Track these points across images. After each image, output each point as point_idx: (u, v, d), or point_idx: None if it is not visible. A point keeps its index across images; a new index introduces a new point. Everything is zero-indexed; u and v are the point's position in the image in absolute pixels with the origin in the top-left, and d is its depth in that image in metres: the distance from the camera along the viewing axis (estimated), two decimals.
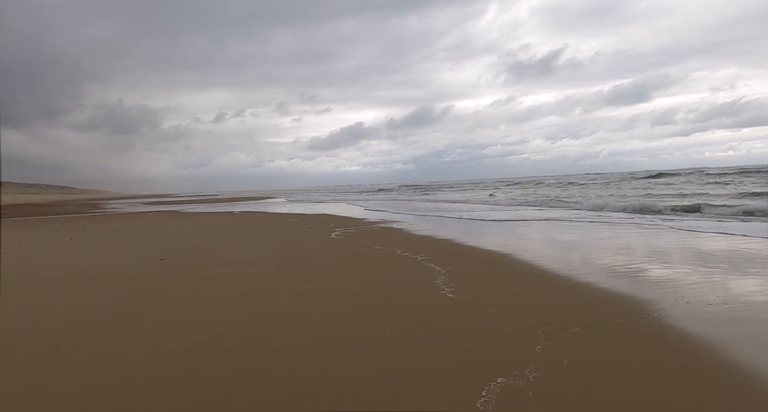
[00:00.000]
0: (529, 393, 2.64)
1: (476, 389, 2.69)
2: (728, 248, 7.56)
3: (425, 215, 17.51)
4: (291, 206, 30.01)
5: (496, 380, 2.79)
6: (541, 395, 2.62)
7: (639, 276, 5.56)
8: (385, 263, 7.11)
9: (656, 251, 7.50)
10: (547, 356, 3.15)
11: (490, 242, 9.31)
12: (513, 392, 2.65)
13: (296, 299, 5.04)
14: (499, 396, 2.61)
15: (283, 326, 4.10)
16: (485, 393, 2.65)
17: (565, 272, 5.97)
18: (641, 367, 3.00)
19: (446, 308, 4.47)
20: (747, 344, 3.37)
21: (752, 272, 5.66)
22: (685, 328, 3.70)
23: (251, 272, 6.78)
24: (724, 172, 35.54)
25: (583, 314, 4.17)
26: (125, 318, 4.52)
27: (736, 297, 4.49)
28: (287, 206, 30.24)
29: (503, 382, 2.77)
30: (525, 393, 2.63)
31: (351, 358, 3.28)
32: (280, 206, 30.70)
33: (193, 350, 3.55)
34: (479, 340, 3.57)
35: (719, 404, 2.54)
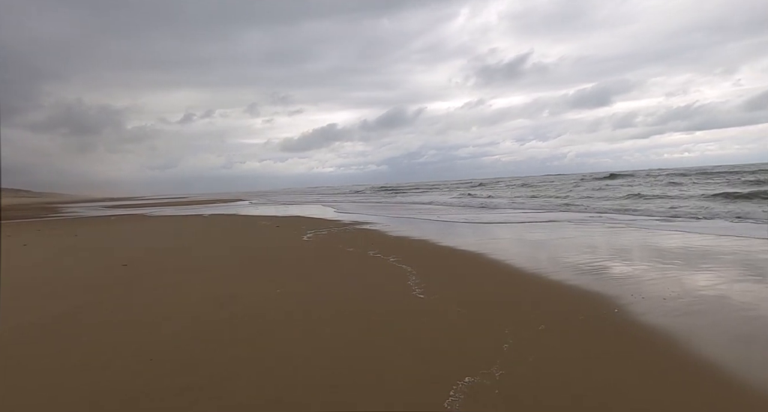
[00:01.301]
0: (495, 391, 2.67)
1: (444, 389, 2.71)
2: (683, 244, 7.97)
3: (398, 216, 17.58)
4: (263, 208, 29.44)
5: (464, 380, 2.81)
6: (507, 392, 2.66)
7: (602, 273, 5.76)
8: (357, 265, 7.07)
9: (618, 249, 7.81)
10: (514, 353, 3.21)
11: (464, 242, 9.44)
12: (480, 391, 2.68)
13: (264, 303, 4.94)
14: (467, 395, 2.63)
15: (251, 332, 4.00)
16: (453, 393, 2.67)
17: (533, 270, 6.12)
18: (604, 361, 3.10)
19: (416, 309, 4.49)
20: (702, 335, 3.54)
21: (704, 267, 5.98)
22: (644, 322, 3.86)
23: (219, 276, 6.59)
24: (669, 174, 37.87)
25: (549, 311, 4.28)
26: (80, 329, 4.29)
27: (689, 292, 4.73)
28: (259, 208, 29.65)
29: (471, 381, 2.80)
30: (492, 391, 2.67)
31: (319, 361, 3.23)
32: (252, 208, 30.06)
33: (155, 359, 3.40)
34: (448, 340, 3.59)
35: (679, 391, 2.65)
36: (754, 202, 14.96)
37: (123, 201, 67.70)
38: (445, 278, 5.93)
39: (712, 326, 3.76)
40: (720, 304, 4.29)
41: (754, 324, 3.75)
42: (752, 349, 3.29)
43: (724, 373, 2.88)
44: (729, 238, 8.49)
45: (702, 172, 35.00)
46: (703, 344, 3.35)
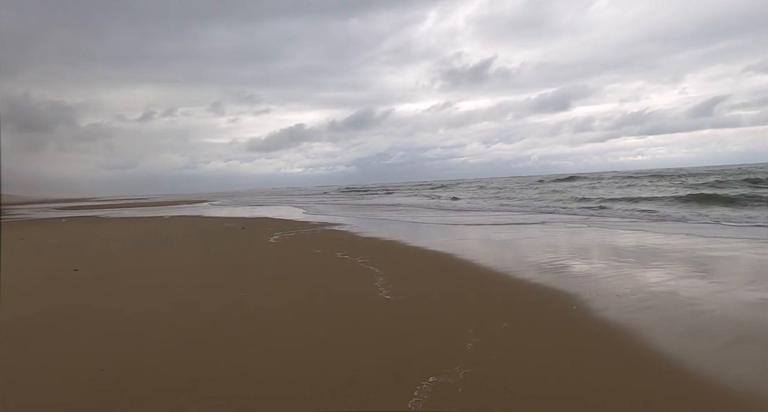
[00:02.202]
0: (458, 390, 2.69)
1: (408, 390, 2.70)
2: (637, 243, 8.39)
3: (367, 217, 17.54)
4: (229, 209, 28.61)
5: (428, 380, 2.82)
6: (470, 391, 2.68)
7: (562, 272, 5.96)
8: (324, 267, 6.98)
9: (578, 248, 8.12)
10: (477, 352, 3.25)
11: (432, 242, 9.52)
12: (443, 391, 2.69)
13: (228, 308, 4.78)
14: (430, 395, 2.63)
15: (213, 338, 3.85)
16: (417, 393, 2.66)
17: (499, 270, 6.25)
18: (564, 356, 3.20)
19: (383, 310, 4.47)
20: (653, 329, 3.72)
21: (655, 265, 6.31)
22: (601, 318, 4.02)
23: (179, 280, 6.33)
24: (613, 177, 40.27)
25: (513, 309, 4.38)
26: (25, 341, 3.98)
27: (641, 288, 4.97)
28: (225, 209, 28.79)
29: (435, 381, 2.81)
30: (455, 391, 2.69)
31: (281, 365, 3.15)
32: (217, 209, 29.14)
33: (107, 369, 3.20)
34: (414, 340, 3.60)
35: (634, 381, 2.76)
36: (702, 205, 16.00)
37: (77, 202, 63.85)
38: (413, 278, 5.95)
39: (663, 320, 3.95)
40: (669, 299, 4.53)
41: (700, 318, 3.97)
42: (698, 341, 3.48)
43: (674, 363, 3.03)
44: (678, 236, 9.02)
45: (654, 175, 37.29)
46: (655, 338, 3.51)
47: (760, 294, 4.57)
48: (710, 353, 3.24)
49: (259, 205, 32.77)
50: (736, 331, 3.61)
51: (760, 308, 4.17)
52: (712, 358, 3.13)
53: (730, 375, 2.86)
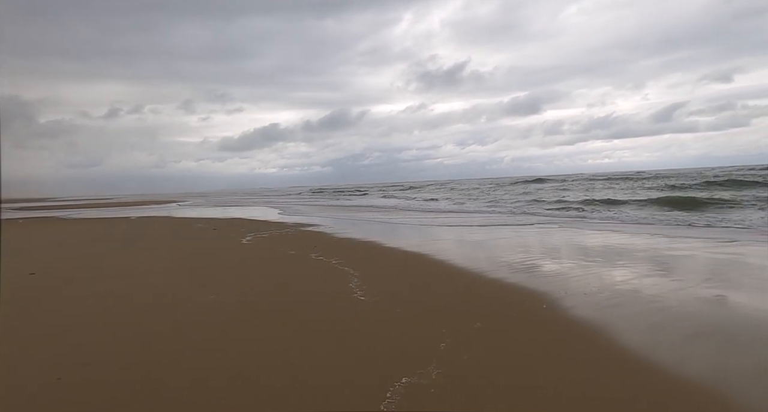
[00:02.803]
0: (431, 390, 2.69)
1: (381, 391, 2.68)
2: (603, 243, 8.69)
3: (342, 218, 17.44)
4: (200, 210, 27.82)
5: (401, 380, 2.81)
6: (443, 391, 2.69)
7: (534, 271, 6.10)
8: (298, 268, 6.88)
9: (549, 248, 8.34)
10: (450, 352, 3.27)
11: (407, 243, 9.55)
12: (416, 391, 2.68)
13: (197, 311, 4.63)
14: (403, 396, 2.62)
15: (180, 343, 3.71)
16: (390, 394, 2.65)
17: (473, 270, 6.33)
18: (535, 354, 3.26)
19: (357, 312, 4.44)
20: (619, 326, 3.84)
21: (620, 264, 6.55)
22: (570, 316, 4.12)
23: (146, 284, 6.08)
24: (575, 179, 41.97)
25: (486, 309, 4.44)
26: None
27: (608, 287, 5.14)
28: (196, 210, 27.97)
29: (407, 381, 2.80)
30: (427, 391, 2.69)
31: (253, 368, 3.07)
32: (188, 209, 28.28)
33: (63, 378, 3.03)
34: (387, 341, 3.58)
35: (602, 376, 2.84)
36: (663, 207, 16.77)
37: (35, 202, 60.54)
38: (388, 279, 5.94)
39: (628, 317, 4.09)
40: (633, 297, 4.70)
41: (662, 314, 4.14)
42: (661, 336, 3.63)
43: (639, 357, 3.15)
44: (642, 236, 9.41)
45: (607, 178, 38.98)
46: (621, 334, 3.63)
47: (716, 291, 4.82)
48: (672, 346, 3.38)
49: (232, 205, 32.03)
50: (694, 326, 3.78)
51: (716, 304, 4.39)
52: (674, 351, 3.27)
53: (689, 367, 2.99)
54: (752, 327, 3.74)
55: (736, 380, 2.80)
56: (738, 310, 4.24)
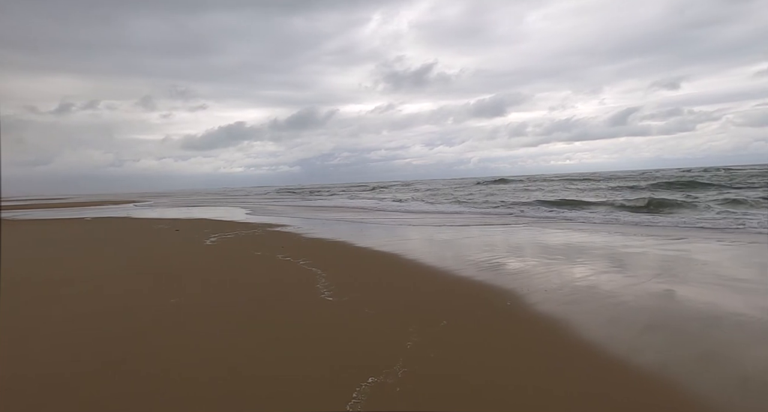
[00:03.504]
0: (397, 389, 2.69)
1: (347, 392, 2.65)
2: (565, 241, 9.03)
3: (311, 218, 17.23)
4: (161, 210, 26.69)
5: (367, 380, 2.79)
6: (408, 389, 2.70)
7: (499, 270, 6.25)
8: (264, 270, 6.73)
9: (513, 247, 8.57)
10: (417, 350, 3.28)
11: (377, 243, 9.54)
12: (382, 390, 2.67)
13: (157, 315, 4.42)
14: (369, 396, 2.61)
15: (139, 349, 3.53)
16: (356, 394, 2.62)
17: (441, 269, 6.40)
18: (499, 350, 3.33)
19: (324, 312, 4.38)
20: (578, 320, 4.00)
21: (580, 261, 6.83)
22: (533, 312, 4.25)
23: (102, 288, 5.76)
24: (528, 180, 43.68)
25: (452, 307, 4.49)
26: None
27: (568, 283, 5.34)
28: (156, 210, 26.81)
29: (374, 381, 2.79)
30: (393, 390, 2.68)
31: (216, 372, 2.96)
32: (148, 210, 27.05)
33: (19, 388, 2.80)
34: (354, 341, 3.56)
35: (563, 368, 2.94)
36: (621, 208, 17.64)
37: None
38: (357, 279, 5.91)
39: (587, 312, 4.27)
40: (591, 293, 4.91)
41: (618, 309, 4.34)
42: (616, 329, 3.80)
43: (598, 349, 3.29)
44: (600, 234, 9.85)
45: (568, 179, 40.78)
46: (581, 328, 3.78)
47: (665, 286, 5.11)
48: (626, 339, 3.55)
49: (196, 205, 30.93)
50: (646, 319, 3.99)
51: (665, 298, 4.65)
52: (628, 343, 3.44)
53: (642, 357, 3.15)
54: (698, 319, 3.98)
55: (683, 368, 2.97)
56: (685, 303, 4.51)
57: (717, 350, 3.25)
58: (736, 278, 5.43)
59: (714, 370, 2.93)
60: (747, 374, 2.85)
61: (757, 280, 5.45)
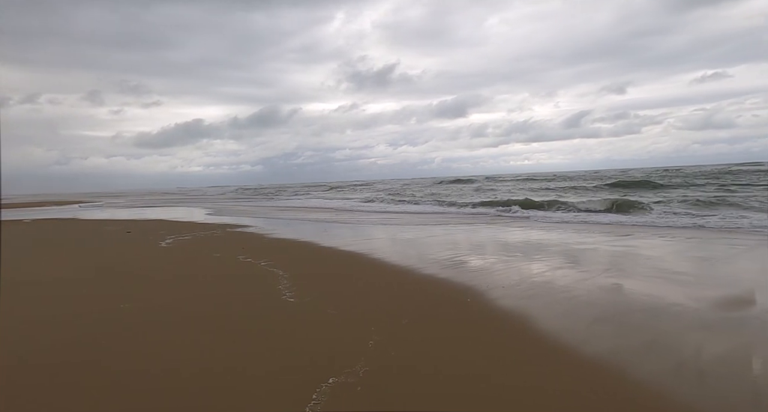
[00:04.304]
0: (358, 388, 2.68)
1: (307, 394, 2.62)
2: (523, 239, 9.38)
3: (274, 218, 16.87)
4: (112, 211, 25.20)
5: (328, 381, 2.76)
6: (369, 388, 2.70)
7: (460, 267, 6.38)
8: (223, 271, 6.51)
9: (474, 245, 8.79)
10: (378, 349, 3.29)
11: (341, 242, 9.48)
12: (342, 390, 2.66)
13: (106, 321, 4.16)
14: (330, 396, 2.58)
15: (85, 357, 3.30)
16: (316, 396, 2.59)
17: (405, 267, 6.45)
18: (460, 344, 3.39)
19: (285, 314, 4.30)
20: (535, 314, 4.15)
21: (537, 258, 7.11)
22: (493, 308, 4.37)
23: (44, 294, 5.35)
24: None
25: (414, 305, 4.54)
26: None
27: (525, 279, 5.54)
28: (106, 211, 25.28)
29: (335, 381, 2.76)
30: (354, 389, 2.67)
31: (169, 378, 2.82)
32: (97, 211, 25.45)
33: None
34: (316, 342, 3.51)
35: (520, 359, 3.04)
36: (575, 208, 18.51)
37: None
38: (319, 279, 5.84)
39: (543, 306, 4.44)
40: (547, 288, 5.12)
41: (571, 303, 4.55)
42: (570, 321, 3.98)
43: (553, 340, 3.43)
44: (555, 232, 10.30)
45: (527, 179, 42.55)
46: (537, 322, 3.93)
47: (613, 280, 5.41)
48: (578, 330, 3.73)
49: (151, 206, 29.44)
50: (597, 311, 4.21)
51: (613, 292, 4.93)
52: (580, 334, 3.62)
53: (592, 347, 3.33)
54: (642, 310, 4.25)
55: (629, 356, 3.17)
56: (630, 296, 4.80)
57: (657, 339, 3.48)
58: (675, 271, 5.85)
59: (654, 357, 3.14)
60: (682, 360, 3.08)
61: (692, 272, 5.89)
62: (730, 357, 3.08)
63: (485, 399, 2.59)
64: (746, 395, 2.59)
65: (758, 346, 3.28)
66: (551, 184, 32.37)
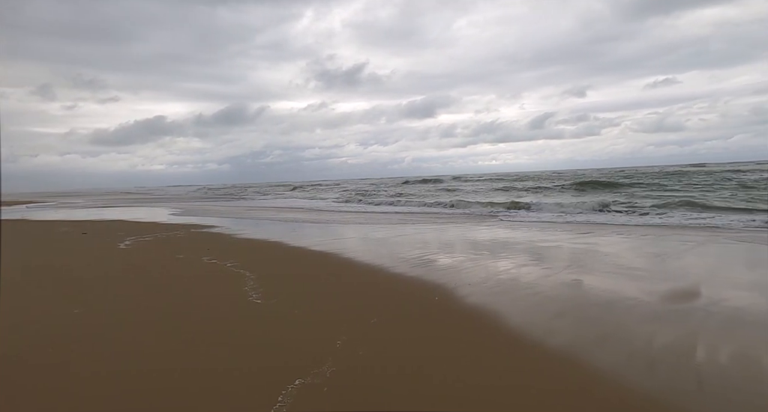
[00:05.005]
0: (324, 389, 2.67)
1: (273, 396, 2.57)
2: (491, 237, 9.61)
3: (241, 218, 16.47)
4: (66, 211, 23.80)
5: (294, 382, 2.73)
6: (336, 388, 2.68)
7: (429, 266, 6.46)
8: (187, 273, 6.29)
9: (443, 244, 8.92)
10: (346, 349, 3.28)
11: (310, 243, 9.37)
12: (309, 392, 2.63)
13: (57, 328, 3.93)
14: (295, 398, 2.55)
15: (34, 366, 3.10)
16: (281, 398, 2.55)
17: (375, 267, 6.46)
18: (428, 341, 3.44)
19: (251, 316, 4.21)
20: (501, 311, 4.26)
21: (503, 256, 7.31)
22: (461, 305, 4.45)
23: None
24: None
25: (382, 304, 4.56)
26: None
27: (492, 277, 5.68)
28: (60, 211, 23.84)
29: (301, 382, 2.74)
30: (321, 390, 2.66)
31: (133, 383, 2.70)
32: (50, 211, 23.95)
33: None
34: (283, 343, 3.46)
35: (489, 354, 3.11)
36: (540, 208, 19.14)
37: None
38: (287, 280, 5.76)
39: (508, 302, 4.56)
40: (512, 285, 5.27)
41: (535, 298, 4.71)
42: (534, 316, 4.12)
43: (518, 334, 3.54)
44: (520, 230, 10.62)
45: (497, 179, 43.72)
46: (502, 317, 4.04)
47: (574, 276, 5.65)
48: (542, 324, 3.87)
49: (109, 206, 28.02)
50: (558, 306, 4.38)
51: (574, 287, 5.14)
52: (543, 327, 3.76)
53: (554, 339, 3.47)
54: (599, 304, 4.46)
55: (587, 347, 3.32)
56: (589, 291, 5.02)
57: (611, 331, 3.66)
58: (630, 267, 6.17)
59: (609, 348, 3.30)
60: (634, 350, 3.25)
61: (645, 268, 6.23)
62: (677, 346, 3.29)
63: (452, 397, 2.63)
64: (691, 380, 2.77)
65: (702, 335, 3.51)
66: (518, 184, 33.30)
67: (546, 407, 2.50)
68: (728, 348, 3.26)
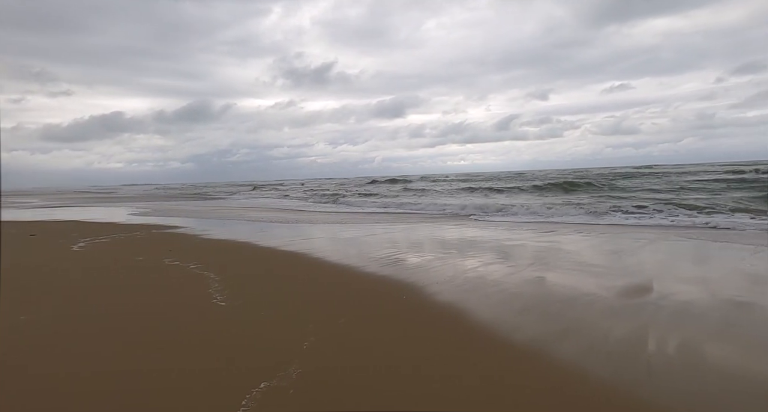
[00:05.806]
0: (290, 391, 2.62)
1: (236, 401, 2.50)
2: (459, 236, 9.77)
3: (206, 217, 15.94)
4: (11, 212, 22.20)
5: (259, 386, 2.66)
6: (302, 390, 2.64)
7: (398, 265, 6.49)
8: (147, 276, 6.02)
9: (413, 243, 8.99)
10: (313, 350, 3.24)
11: (280, 242, 9.18)
12: (274, 395, 2.58)
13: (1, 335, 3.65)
14: (259, 402, 2.49)
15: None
16: (245, 402, 2.48)
17: (344, 266, 6.41)
18: (396, 340, 3.44)
19: (215, 319, 4.08)
20: (468, 308, 4.33)
21: (470, 254, 7.45)
22: (429, 303, 4.49)
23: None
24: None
25: (351, 304, 4.53)
26: None
27: (459, 275, 5.77)
28: (6, 212, 22.20)
29: (266, 385, 2.67)
30: (286, 393, 2.60)
31: (84, 393, 2.54)
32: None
33: None
34: (248, 346, 3.37)
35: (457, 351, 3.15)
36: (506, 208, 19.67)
37: None
38: (254, 281, 5.62)
39: (475, 300, 4.64)
40: (479, 282, 5.37)
41: (501, 295, 4.82)
42: (500, 312, 4.22)
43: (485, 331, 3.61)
44: (488, 229, 10.87)
45: (465, 179, 44.67)
46: (470, 315, 4.11)
47: (537, 273, 5.83)
48: (507, 320, 3.97)
49: (62, 206, 26.38)
50: (523, 302, 4.51)
51: (537, 284, 5.31)
52: (509, 323, 3.86)
53: (519, 335, 3.57)
54: (561, 300, 4.62)
55: (549, 341, 3.44)
56: (552, 288, 5.20)
57: (572, 326, 3.81)
58: (589, 264, 6.44)
59: (569, 342, 3.43)
60: (593, 343, 3.40)
61: (603, 265, 6.53)
62: (630, 338, 3.46)
63: (422, 394, 2.65)
64: (642, 369, 2.93)
65: (652, 328, 3.71)
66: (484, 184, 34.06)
67: (512, 398, 2.56)
68: (675, 339, 3.46)
